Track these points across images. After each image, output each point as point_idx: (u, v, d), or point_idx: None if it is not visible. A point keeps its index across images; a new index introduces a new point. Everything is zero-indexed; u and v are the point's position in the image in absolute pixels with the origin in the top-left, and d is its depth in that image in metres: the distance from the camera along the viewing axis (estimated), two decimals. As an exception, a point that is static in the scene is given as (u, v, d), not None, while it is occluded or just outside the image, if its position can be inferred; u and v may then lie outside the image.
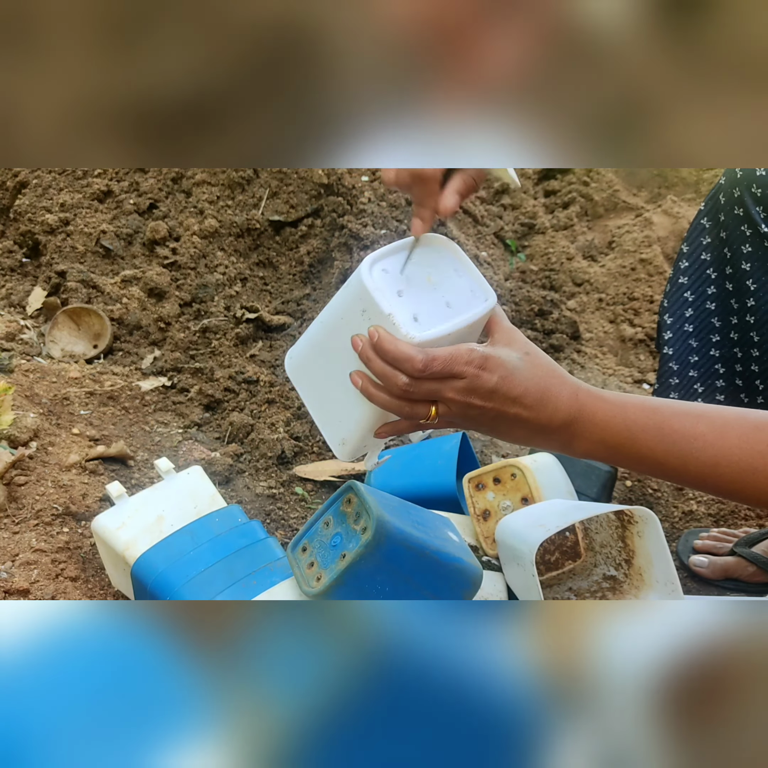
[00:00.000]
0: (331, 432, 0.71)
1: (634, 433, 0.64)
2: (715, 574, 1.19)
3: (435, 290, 0.68)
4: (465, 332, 0.66)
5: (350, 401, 0.68)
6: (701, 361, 1.15)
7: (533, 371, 0.64)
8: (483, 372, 0.62)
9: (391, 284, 0.66)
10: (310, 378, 0.73)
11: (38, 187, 1.75)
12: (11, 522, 1.03)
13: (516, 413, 0.63)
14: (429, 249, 0.70)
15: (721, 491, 0.65)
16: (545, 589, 1.01)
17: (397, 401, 0.64)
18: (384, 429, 0.69)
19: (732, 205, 1.03)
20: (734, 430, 0.63)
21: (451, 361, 0.61)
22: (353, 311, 0.65)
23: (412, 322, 0.64)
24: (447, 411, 0.64)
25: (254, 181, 1.73)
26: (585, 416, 0.64)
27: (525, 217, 2.04)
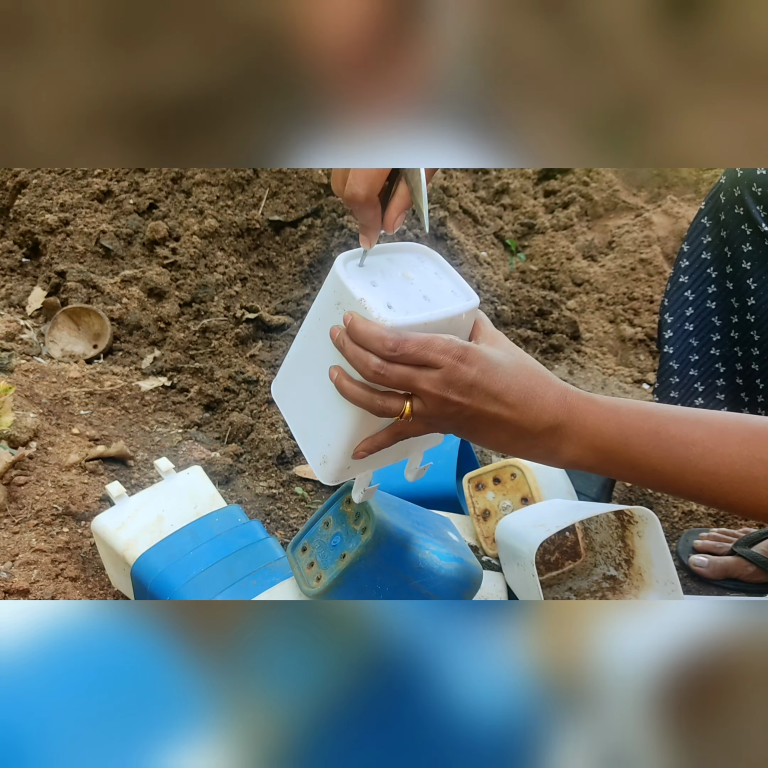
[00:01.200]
0: (312, 450, 0.68)
1: (628, 438, 0.60)
2: (715, 573, 1.19)
3: (412, 284, 0.64)
4: (444, 326, 0.60)
5: (329, 410, 0.64)
6: (701, 360, 1.15)
7: (517, 369, 0.59)
8: (461, 363, 0.57)
9: (364, 276, 0.63)
10: (291, 395, 0.70)
11: (38, 187, 1.75)
12: (11, 522, 1.03)
13: (497, 412, 0.58)
14: (409, 254, 0.67)
15: (719, 501, 0.61)
16: (545, 589, 1.01)
17: (368, 394, 0.59)
18: (362, 446, 0.64)
19: (732, 204, 1.03)
20: (734, 436, 0.59)
21: (426, 345, 0.57)
22: (329, 308, 0.63)
23: (385, 309, 0.60)
24: (422, 408, 0.59)
25: (254, 181, 1.73)
26: (574, 419, 0.60)
27: (525, 217, 2.04)
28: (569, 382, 1.68)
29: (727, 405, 1.15)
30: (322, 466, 0.67)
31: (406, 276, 0.65)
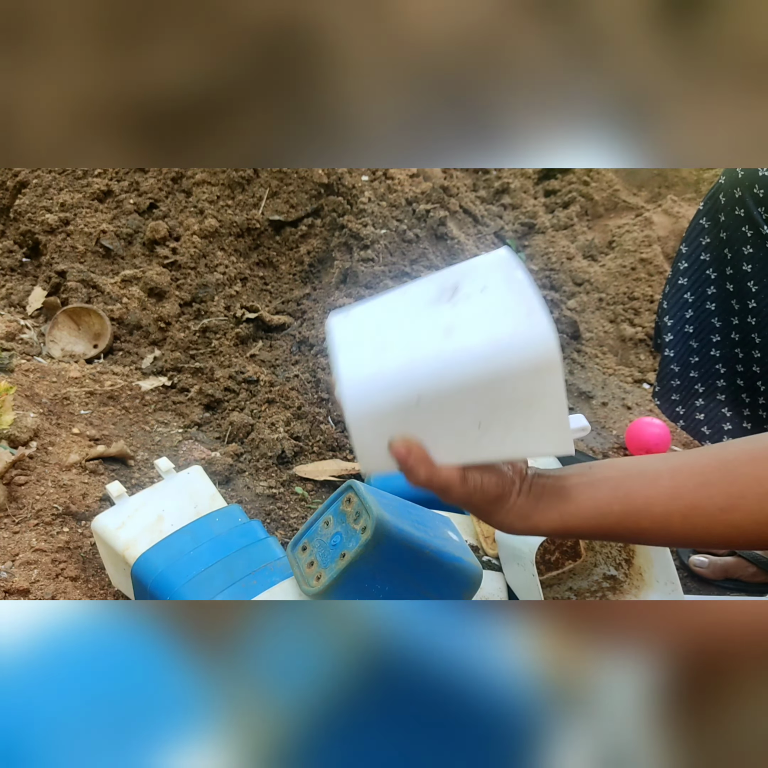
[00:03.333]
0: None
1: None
2: (715, 574, 1.19)
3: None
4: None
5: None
6: (702, 362, 1.15)
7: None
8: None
9: None
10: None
11: (38, 187, 1.75)
12: (11, 522, 1.03)
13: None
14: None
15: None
16: (545, 588, 1.01)
17: None
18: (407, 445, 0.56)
19: (733, 205, 1.03)
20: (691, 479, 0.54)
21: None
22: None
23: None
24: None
25: (254, 181, 1.73)
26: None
27: (525, 217, 2.04)
28: (569, 381, 1.68)
29: (728, 405, 1.15)
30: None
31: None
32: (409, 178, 1.79)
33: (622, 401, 1.69)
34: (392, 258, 1.63)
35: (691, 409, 1.19)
